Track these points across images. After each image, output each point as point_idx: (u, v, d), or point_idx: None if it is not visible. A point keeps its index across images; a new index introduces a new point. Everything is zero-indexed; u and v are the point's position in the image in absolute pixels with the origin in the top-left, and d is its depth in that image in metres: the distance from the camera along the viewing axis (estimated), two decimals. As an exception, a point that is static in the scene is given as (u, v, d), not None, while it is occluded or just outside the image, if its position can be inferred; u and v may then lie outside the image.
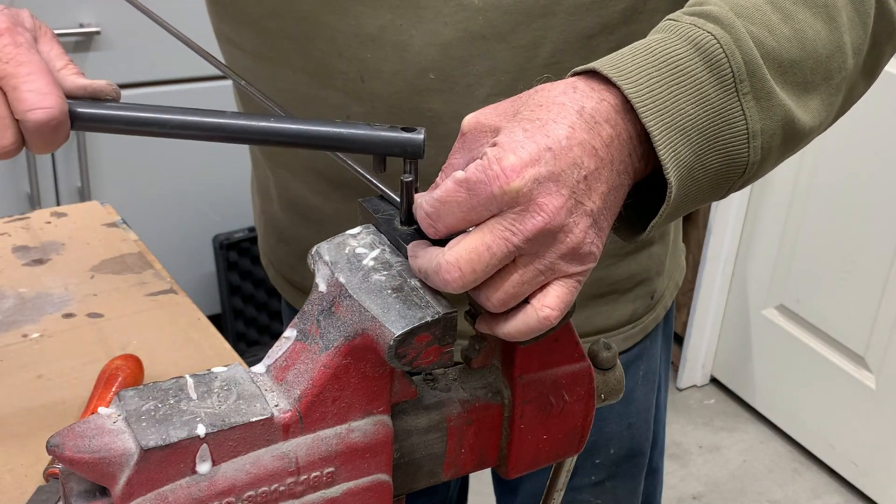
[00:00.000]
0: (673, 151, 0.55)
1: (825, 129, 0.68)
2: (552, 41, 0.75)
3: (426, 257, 0.52)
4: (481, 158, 0.51)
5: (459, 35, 0.74)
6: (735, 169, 0.59)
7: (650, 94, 0.55)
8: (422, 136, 0.58)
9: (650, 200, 0.59)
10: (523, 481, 1.05)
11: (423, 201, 0.53)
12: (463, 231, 0.52)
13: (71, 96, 0.61)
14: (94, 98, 0.62)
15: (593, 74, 0.56)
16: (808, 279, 2.30)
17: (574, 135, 0.52)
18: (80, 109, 0.60)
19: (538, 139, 0.51)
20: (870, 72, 0.71)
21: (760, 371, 2.50)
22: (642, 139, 0.55)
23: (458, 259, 0.51)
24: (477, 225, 0.52)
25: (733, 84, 0.58)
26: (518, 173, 0.50)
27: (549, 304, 0.53)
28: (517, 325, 0.53)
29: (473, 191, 0.50)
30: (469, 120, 0.56)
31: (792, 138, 0.63)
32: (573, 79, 0.56)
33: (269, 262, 1.04)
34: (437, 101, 0.77)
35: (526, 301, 0.53)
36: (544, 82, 0.57)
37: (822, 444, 2.35)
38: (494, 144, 0.52)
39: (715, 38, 0.57)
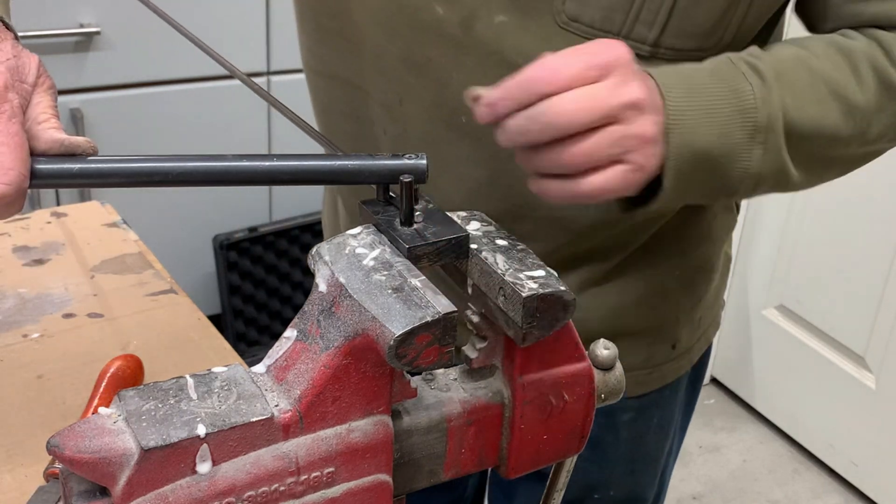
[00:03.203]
0: (679, 167, 0.67)
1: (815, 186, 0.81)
2: None
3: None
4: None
5: None
6: (723, 193, 0.73)
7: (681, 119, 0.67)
8: (424, 162, 0.59)
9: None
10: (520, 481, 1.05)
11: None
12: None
13: (43, 153, 0.60)
14: (69, 153, 0.61)
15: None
16: (808, 279, 2.30)
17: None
18: (40, 167, 0.59)
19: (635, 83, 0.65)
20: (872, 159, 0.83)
21: (760, 371, 2.50)
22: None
23: (576, 97, 0.62)
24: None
25: (754, 129, 0.69)
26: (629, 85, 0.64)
27: (599, 180, 0.65)
28: (574, 188, 0.65)
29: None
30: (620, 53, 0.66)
31: (783, 187, 0.75)
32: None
33: None
34: (463, 145, 0.78)
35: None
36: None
37: (822, 444, 2.35)
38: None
39: (753, 95, 0.69)
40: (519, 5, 0.73)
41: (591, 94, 0.62)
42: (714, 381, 2.65)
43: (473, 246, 0.56)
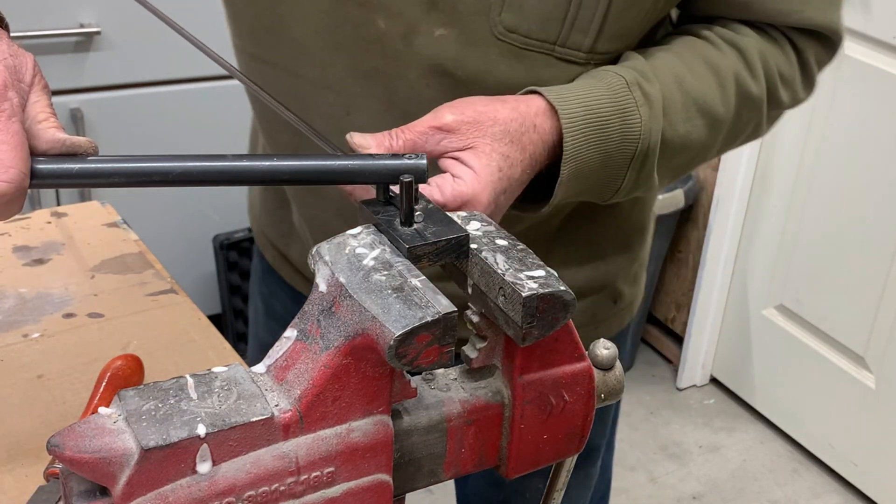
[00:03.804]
0: (566, 190, 0.75)
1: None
2: None
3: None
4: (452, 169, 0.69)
5: (440, 97, 0.78)
6: (594, 200, 0.81)
7: (578, 150, 0.73)
8: (424, 161, 0.59)
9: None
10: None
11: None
12: None
13: (44, 152, 0.60)
14: (70, 153, 0.61)
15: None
16: (808, 279, 2.30)
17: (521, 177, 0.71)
18: (40, 166, 0.59)
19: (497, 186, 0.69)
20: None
21: (760, 371, 2.50)
22: (555, 149, 0.74)
23: None
24: None
25: (632, 157, 0.76)
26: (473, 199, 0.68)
27: None
28: None
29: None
30: (464, 117, 0.69)
31: (646, 193, 0.83)
32: (534, 112, 0.72)
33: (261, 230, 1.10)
34: None
35: None
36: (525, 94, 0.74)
37: (822, 444, 2.35)
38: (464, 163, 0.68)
39: (640, 126, 0.76)
40: (457, 19, 0.75)
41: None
42: (714, 380, 2.65)
43: (473, 246, 0.56)
